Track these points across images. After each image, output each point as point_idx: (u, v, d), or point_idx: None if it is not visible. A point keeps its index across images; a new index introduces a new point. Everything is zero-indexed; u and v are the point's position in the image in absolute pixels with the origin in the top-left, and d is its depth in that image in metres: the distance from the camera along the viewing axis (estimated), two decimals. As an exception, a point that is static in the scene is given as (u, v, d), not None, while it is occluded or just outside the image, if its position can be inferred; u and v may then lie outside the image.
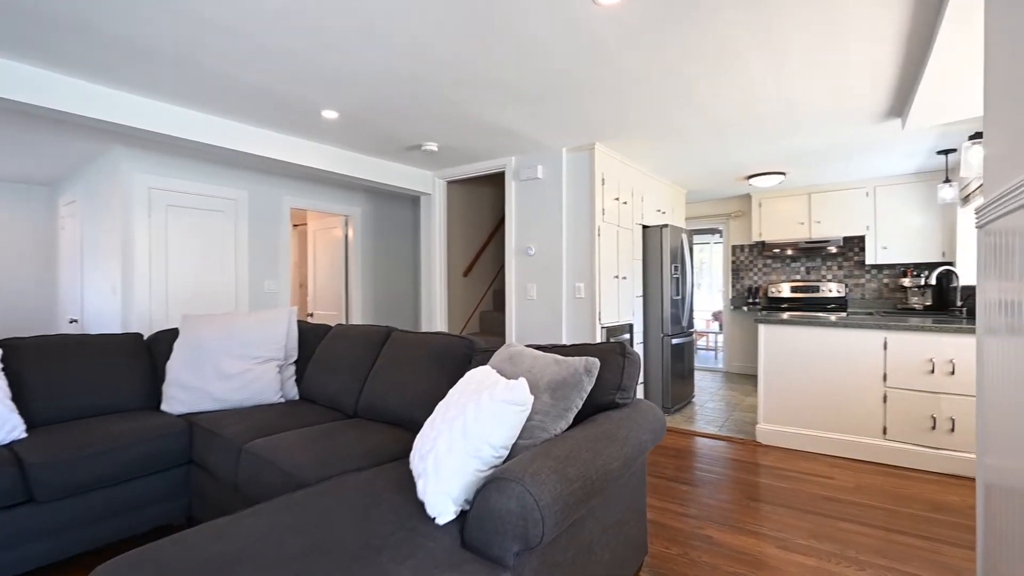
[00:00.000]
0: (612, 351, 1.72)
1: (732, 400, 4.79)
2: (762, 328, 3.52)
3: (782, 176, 4.66)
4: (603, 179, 3.65)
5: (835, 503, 2.51)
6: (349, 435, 1.99)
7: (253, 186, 4.30)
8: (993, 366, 1.22)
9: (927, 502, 2.53)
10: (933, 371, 2.96)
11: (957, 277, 3.92)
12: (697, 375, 6.18)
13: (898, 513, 2.40)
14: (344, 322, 5.15)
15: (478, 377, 1.55)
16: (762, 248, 5.79)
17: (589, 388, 1.53)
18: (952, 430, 2.91)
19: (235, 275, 4.18)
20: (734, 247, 6.20)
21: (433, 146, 3.60)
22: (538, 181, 3.76)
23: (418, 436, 1.44)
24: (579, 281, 3.63)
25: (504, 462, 1.34)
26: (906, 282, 4.92)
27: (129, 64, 2.34)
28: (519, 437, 1.40)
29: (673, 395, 4.26)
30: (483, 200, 5.24)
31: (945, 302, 4.73)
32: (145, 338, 2.80)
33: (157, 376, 2.62)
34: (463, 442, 1.26)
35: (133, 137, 3.43)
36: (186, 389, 2.45)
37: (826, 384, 3.29)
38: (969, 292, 3.77)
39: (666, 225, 4.24)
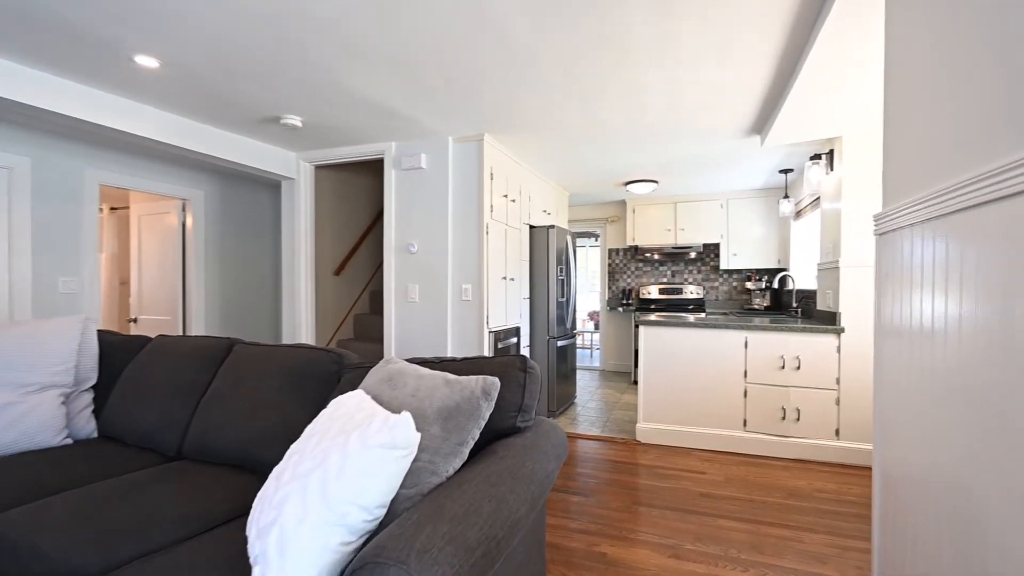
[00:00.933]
0: (511, 366, 1.49)
1: (610, 399, 4.95)
2: (643, 330, 3.62)
3: (655, 184, 4.93)
4: (492, 174, 3.44)
5: (711, 500, 2.60)
6: (165, 489, 1.48)
7: (39, 152, 3.27)
8: (893, 366, 1.23)
9: (783, 489, 2.75)
10: (784, 367, 3.28)
11: (793, 281, 4.49)
12: (577, 374, 6.34)
13: (763, 504, 2.56)
14: (183, 331, 4.24)
15: (348, 408, 1.20)
16: (635, 252, 6.12)
17: (488, 414, 1.27)
18: (798, 419, 3.25)
19: (8, 270, 3.13)
20: (610, 250, 6.49)
21: (296, 120, 3.05)
22: (422, 171, 3.42)
23: (257, 499, 1.04)
24: (466, 282, 3.37)
25: (380, 525, 1.02)
26: (750, 285, 5.56)
27: None
28: (400, 485, 1.09)
29: (558, 397, 4.23)
30: (359, 190, 4.71)
31: (781, 303, 5.43)
32: None
33: None
34: (322, 507, 0.92)
35: None
36: None
37: (698, 381, 3.48)
38: (804, 295, 4.33)
39: (553, 226, 4.19)
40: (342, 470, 0.95)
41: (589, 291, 10.69)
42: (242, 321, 4.65)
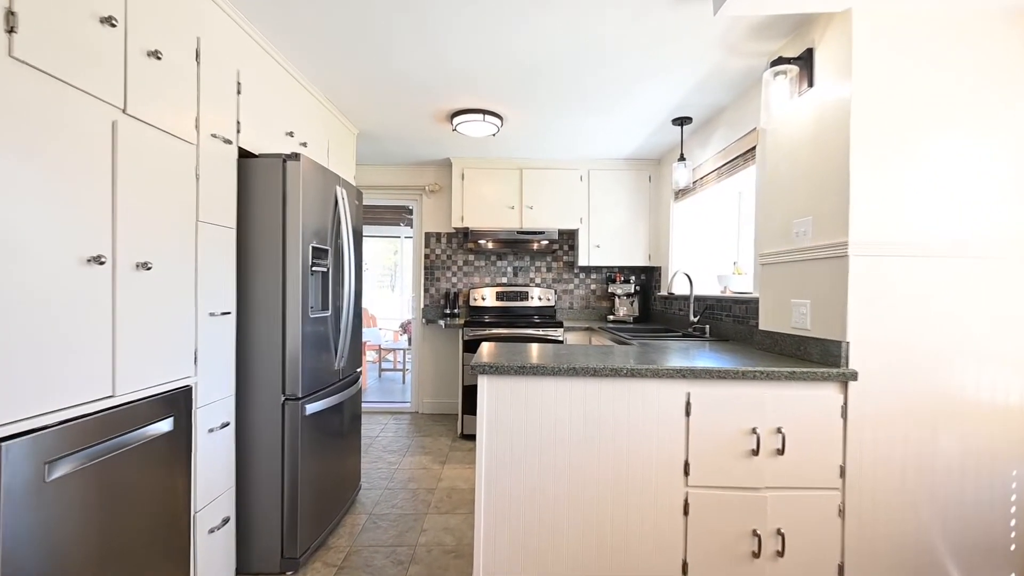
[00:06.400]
0: None
1: (424, 482, 2.88)
2: (486, 385, 1.65)
3: (498, 122, 3.06)
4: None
5: None
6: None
7: None
8: None
9: None
10: (757, 451, 1.66)
11: (692, 284, 3.08)
12: (377, 421, 4.12)
13: None
14: None
15: None
16: (465, 239, 4.20)
17: None
18: (781, 553, 1.66)
19: None
20: (428, 235, 4.44)
21: None
22: None
23: None
24: None
25: None
26: (616, 289, 4.13)
27: None
28: None
29: (313, 520, 1.99)
30: None
31: (650, 315, 4.12)
32: None
33: None
34: None
35: None
36: None
37: (594, 486, 1.66)
38: (708, 304, 2.93)
39: (296, 155, 1.94)
40: None
41: (400, 293, 8.61)
42: None
